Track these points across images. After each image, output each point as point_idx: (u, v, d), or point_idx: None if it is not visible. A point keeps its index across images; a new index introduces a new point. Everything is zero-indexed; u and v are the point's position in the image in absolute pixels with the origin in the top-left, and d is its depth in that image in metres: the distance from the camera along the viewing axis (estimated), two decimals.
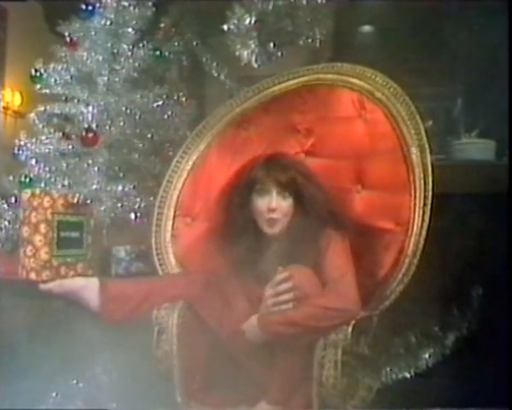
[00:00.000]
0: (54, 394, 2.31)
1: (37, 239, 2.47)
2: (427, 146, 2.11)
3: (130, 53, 2.94)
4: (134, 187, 2.81)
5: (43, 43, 3.16)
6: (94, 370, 2.43)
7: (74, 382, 2.37)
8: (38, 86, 2.97)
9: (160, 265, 2.27)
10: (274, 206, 1.99)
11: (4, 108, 4.85)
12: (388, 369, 2.50)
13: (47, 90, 2.97)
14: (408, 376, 2.54)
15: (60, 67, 2.94)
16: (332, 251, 1.94)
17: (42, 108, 2.96)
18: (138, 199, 2.80)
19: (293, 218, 2.02)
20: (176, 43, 3.16)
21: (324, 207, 2.01)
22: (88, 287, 2.01)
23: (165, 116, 3.01)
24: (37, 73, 2.96)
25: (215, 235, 2.10)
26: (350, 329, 1.80)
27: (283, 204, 2.00)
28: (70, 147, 2.87)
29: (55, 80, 2.93)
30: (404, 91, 2.21)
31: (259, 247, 2.02)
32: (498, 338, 2.35)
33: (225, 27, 2.85)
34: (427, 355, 2.57)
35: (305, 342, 1.82)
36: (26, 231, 2.50)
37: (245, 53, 2.84)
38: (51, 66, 2.95)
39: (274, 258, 1.99)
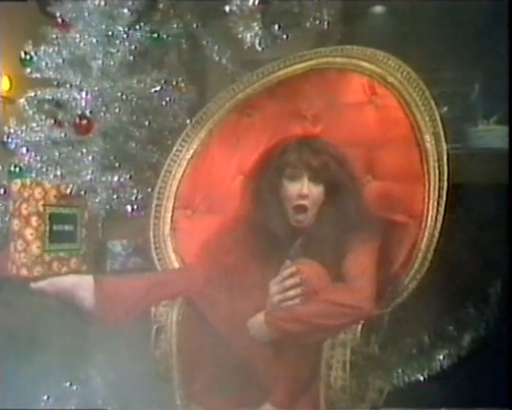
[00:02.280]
0: (45, 397, 2.33)
1: (28, 233, 2.48)
2: (442, 134, 2.12)
3: (125, 35, 2.94)
4: (130, 177, 2.82)
5: (33, 25, 3.15)
6: (88, 371, 2.45)
7: (67, 384, 2.39)
8: (28, 70, 2.97)
9: (159, 260, 2.28)
10: (305, 192, 2.01)
11: None
12: (400, 371, 2.51)
13: (37, 75, 2.96)
14: (421, 378, 2.55)
15: (51, 50, 2.94)
16: (357, 251, 1.95)
17: (32, 94, 2.96)
18: (135, 190, 2.81)
19: (321, 209, 2.04)
20: (174, 25, 3.16)
21: (354, 202, 2.02)
22: (82, 285, 2.02)
23: (164, 102, 3.01)
24: (27, 56, 2.96)
25: (233, 227, 2.12)
26: (359, 328, 1.80)
27: (314, 191, 2.02)
28: (62, 135, 2.87)
29: (46, 64, 2.93)
30: (417, 75, 2.22)
31: (285, 239, 2.03)
32: None
33: (227, 8, 2.86)
34: (441, 356, 2.58)
35: (313, 341, 1.84)
36: (16, 224, 2.51)
37: (248, 36, 2.84)
38: (42, 48, 2.94)
39: (298, 253, 2.00)
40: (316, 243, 1.99)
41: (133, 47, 2.95)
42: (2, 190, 2.88)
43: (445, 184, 2.05)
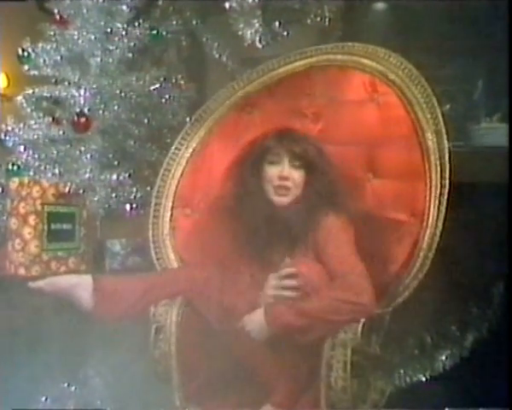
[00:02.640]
0: (43, 398, 2.33)
1: (26, 232, 2.48)
2: (444, 131, 2.12)
3: (124, 32, 2.94)
4: (129, 176, 2.83)
5: (31, 21, 3.15)
6: (86, 371, 2.45)
7: (65, 385, 2.39)
8: (26, 67, 2.98)
9: (158, 259, 2.28)
10: (285, 174, 2.05)
11: None
12: (402, 371, 2.51)
13: (35, 72, 2.97)
14: (423, 379, 2.55)
15: (49, 47, 2.94)
16: (333, 242, 1.98)
17: (30, 91, 2.97)
18: (134, 189, 2.82)
19: (302, 192, 2.07)
20: (174, 22, 3.16)
21: (331, 187, 2.06)
22: (81, 285, 2.02)
23: (163, 100, 3.02)
24: (25, 53, 2.96)
25: (219, 217, 2.14)
26: (360, 327, 1.80)
27: (295, 174, 2.06)
28: (61, 133, 2.88)
29: (44, 61, 2.94)
30: (419, 73, 2.22)
31: (268, 222, 2.04)
32: None
33: (227, 5, 2.86)
34: (443, 357, 2.58)
35: (313, 338, 1.83)
36: (13, 223, 2.51)
37: (248, 32, 2.85)
38: (40, 45, 2.95)
39: (281, 240, 2.03)
40: (295, 225, 2.02)
41: (132, 44, 2.95)
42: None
43: (447, 182, 2.05)
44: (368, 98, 2.28)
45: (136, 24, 2.98)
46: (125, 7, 2.95)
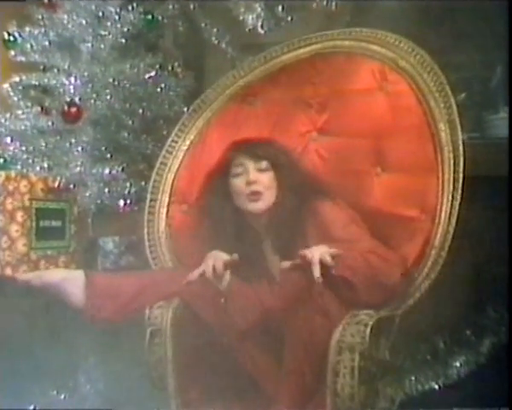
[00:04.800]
0: (31, 407, 2.35)
1: (14, 229, 2.47)
2: (458, 122, 2.13)
3: (117, 16, 2.93)
4: (123, 170, 2.82)
5: (17, 4, 3.15)
6: (77, 378, 2.47)
7: (54, 392, 2.41)
8: (12, 53, 2.96)
9: (153, 258, 2.30)
10: (252, 177, 2.09)
11: None
12: (413, 378, 2.52)
13: (22, 58, 2.96)
14: (436, 386, 2.56)
15: (37, 32, 2.93)
16: (337, 223, 2.02)
17: (17, 79, 2.96)
18: (128, 183, 2.81)
19: (278, 193, 2.11)
20: (170, 6, 3.15)
21: (310, 179, 2.12)
22: (71, 280, 2.05)
23: (159, 89, 3.01)
24: (11, 38, 2.95)
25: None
26: (368, 330, 1.79)
27: (263, 177, 2.11)
28: (50, 123, 2.88)
29: (32, 46, 2.93)
30: (432, 59, 2.23)
31: (248, 235, 2.11)
32: None
33: None
34: (457, 363, 2.59)
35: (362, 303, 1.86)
36: (0, 220, 2.52)
37: (250, 17, 2.85)
38: (27, 29, 2.94)
39: (268, 245, 2.10)
40: (281, 230, 2.07)
41: (125, 29, 2.94)
42: None
43: (461, 176, 2.06)
44: (377, 87, 2.29)
45: (130, 8, 2.96)
46: None
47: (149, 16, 3.04)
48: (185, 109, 2.72)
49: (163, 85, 3.01)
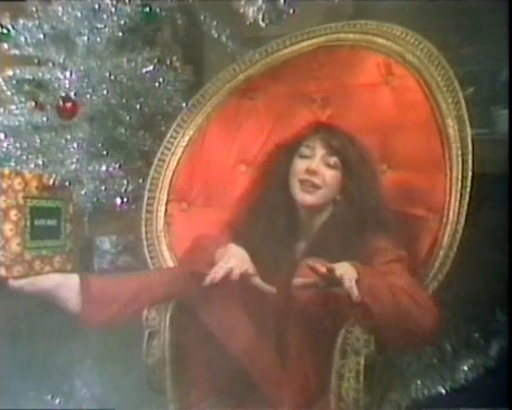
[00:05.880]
0: None
1: (7, 228, 2.46)
2: (466, 117, 2.12)
3: (114, 9, 2.94)
4: (120, 167, 2.83)
5: None
6: (73, 382, 2.46)
7: (49, 397, 2.40)
8: (6, 46, 2.97)
9: (152, 258, 2.30)
10: (314, 167, 2.03)
11: None
12: (419, 382, 2.51)
13: (16, 51, 2.97)
14: (443, 391, 2.55)
15: (31, 24, 2.94)
16: (383, 259, 1.92)
17: (10, 73, 2.96)
18: (125, 181, 2.82)
19: (336, 198, 2.06)
20: None
21: (374, 199, 2.04)
22: (66, 285, 2.03)
23: (157, 84, 3.02)
24: (4, 30, 2.95)
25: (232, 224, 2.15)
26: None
27: (327, 172, 2.04)
28: (44, 119, 2.88)
29: (26, 39, 2.93)
30: (439, 53, 2.23)
31: (286, 224, 2.06)
32: None
33: None
34: (465, 367, 2.57)
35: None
36: None
37: (250, 10, 2.85)
38: (20, 22, 2.94)
39: (301, 248, 2.05)
40: (325, 242, 2.00)
41: (122, 22, 2.95)
42: None
43: (470, 173, 2.06)
44: (382, 81, 2.29)
45: (127, 0, 2.98)
46: None
47: (147, 9, 3.04)
48: (184, 104, 2.72)
49: (161, 80, 3.02)
